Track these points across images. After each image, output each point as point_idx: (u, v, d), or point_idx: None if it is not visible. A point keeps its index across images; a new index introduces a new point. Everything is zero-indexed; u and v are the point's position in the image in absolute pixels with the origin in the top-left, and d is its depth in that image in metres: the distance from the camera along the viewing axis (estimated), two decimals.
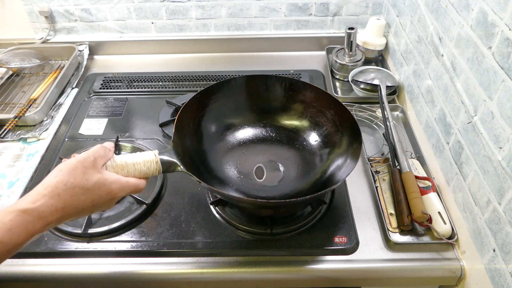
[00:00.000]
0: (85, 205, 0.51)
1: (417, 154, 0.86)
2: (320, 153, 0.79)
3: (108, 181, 0.52)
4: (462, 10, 0.70)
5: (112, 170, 0.56)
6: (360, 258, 0.70)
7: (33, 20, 1.20)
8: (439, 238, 0.69)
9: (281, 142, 0.83)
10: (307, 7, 1.17)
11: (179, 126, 0.69)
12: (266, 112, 0.84)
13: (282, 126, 0.84)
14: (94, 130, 0.96)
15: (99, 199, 0.52)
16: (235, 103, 0.82)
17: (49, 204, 0.47)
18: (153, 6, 1.17)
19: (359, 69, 1.06)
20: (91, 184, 0.51)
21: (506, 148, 0.57)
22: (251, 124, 0.85)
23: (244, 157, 0.81)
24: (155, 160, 0.59)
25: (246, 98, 0.83)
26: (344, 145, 0.74)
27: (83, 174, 0.50)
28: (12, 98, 1.05)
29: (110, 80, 1.12)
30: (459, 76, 0.71)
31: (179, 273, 0.69)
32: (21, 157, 0.90)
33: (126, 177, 0.56)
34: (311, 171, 0.77)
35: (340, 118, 0.76)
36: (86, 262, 0.70)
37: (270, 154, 0.82)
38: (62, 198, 0.48)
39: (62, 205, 0.48)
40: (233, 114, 0.83)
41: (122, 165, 0.57)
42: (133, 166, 0.57)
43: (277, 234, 0.72)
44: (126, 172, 0.57)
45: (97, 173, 0.52)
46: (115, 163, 0.56)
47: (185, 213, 0.76)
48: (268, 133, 0.84)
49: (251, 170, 0.79)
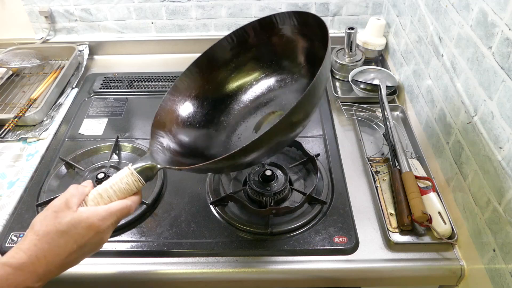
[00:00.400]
0: (68, 248, 0.49)
1: (417, 154, 0.86)
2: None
3: (83, 216, 0.50)
4: (462, 10, 0.70)
5: (92, 203, 0.53)
6: (360, 258, 0.69)
7: (33, 20, 1.20)
8: (439, 238, 0.69)
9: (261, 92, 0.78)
10: (307, 7, 1.17)
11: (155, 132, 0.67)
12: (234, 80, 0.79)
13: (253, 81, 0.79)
14: (94, 130, 0.96)
15: (81, 238, 0.49)
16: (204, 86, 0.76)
17: (27, 255, 0.47)
18: (153, 6, 1.17)
19: (359, 69, 1.06)
20: (65, 226, 0.49)
21: (506, 148, 0.57)
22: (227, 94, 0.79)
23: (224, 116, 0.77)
24: (129, 172, 0.56)
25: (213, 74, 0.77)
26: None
27: (54, 218, 0.49)
28: (12, 98, 1.05)
29: (110, 80, 1.12)
30: (459, 76, 0.71)
31: (179, 273, 0.69)
32: (21, 157, 0.90)
33: (108, 203, 0.54)
34: None
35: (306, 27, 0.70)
36: (86, 262, 0.69)
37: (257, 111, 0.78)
38: (39, 247, 0.47)
39: (42, 254, 0.47)
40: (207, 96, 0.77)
41: (100, 193, 0.54)
42: (111, 189, 0.54)
43: (277, 234, 0.72)
44: (106, 198, 0.54)
45: (70, 213, 0.50)
46: (92, 195, 0.54)
47: (185, 213, 0.76)
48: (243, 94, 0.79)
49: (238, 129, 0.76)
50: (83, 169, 0.85)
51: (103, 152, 0.89)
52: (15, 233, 0.73)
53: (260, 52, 0.77)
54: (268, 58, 0.77)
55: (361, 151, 0.88)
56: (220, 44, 0.76)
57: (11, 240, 0.72)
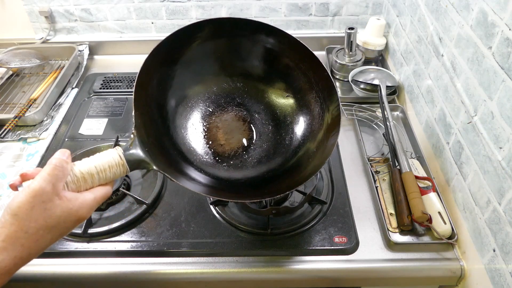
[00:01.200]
0: (53, 241, 0.45)
1: (417, 154, 0.86)
2: (295, 120, 0.71)
3: (73, 209, 0.45)
4: (462, 10, 0.70)
5: (73, 185, 0.48)
6: (360, 258, 0.69)
7: (33, 20, 1.20)
8: (439, 238, 0.69)
9: (255, 108, 0.74)
10: (307, 7, 1.17)
11: (139, 100, 0.60)
12: (233, 73, 0.74)
13: (258, 90, 0.74)
14: (94, 130, 0.96)
15: (67, 230, 0.46)
16: (198, 54, 0.70)
17: (11, 257, 0.41)
18: (153, 6, 1.17)
19: (359, 69, 1.06)
20: (55, 220, 0.44)
21: (506, 148, 0.57)
22: (217, 92, 0.74)
23: (216, 132, 0.72)
24: (120, 162, 0.51)
25: (208, 59, 0.71)
26: (323, 115, 0.67)
27: (43, 211, 0.43)
28: (12, 98, 1.05)
29: (110, 80, 1.12)
30: (459, 76, 0.71)
31: (179, 273, 0.69)
32: (21, 157, 0.90)
33: (91, 189, 0.49)
34: (283, 143, 0.71)
35: (321, 82, 0.68)
36: (86, 262, 0.70)
37: (242, 124, 0.73)
38: (26, 246, 0.42)
39: (27, 253, 0.42)
40: (196, 69, 0.71)
41: (85, 177, 0.49)
42: (97, 175, 0.50)
43: (277, 234, 0.72)
44: (90, 183, 0.49)
45: (59, 202, 0.44)
46: (75, 177, 0.48)
47: (185, 213, 0.76)
48: (238, 100, 0.74)
49: (224, 144, 0.71)
50: None
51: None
52: None
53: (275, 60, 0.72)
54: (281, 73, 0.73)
55: (361, 151, 0.88)
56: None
57: None
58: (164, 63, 0.67)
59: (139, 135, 0.55)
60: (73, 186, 0.48)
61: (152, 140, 0.59)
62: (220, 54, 0.72)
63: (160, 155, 0.59)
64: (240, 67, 0.74)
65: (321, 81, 0.67)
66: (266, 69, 0.73)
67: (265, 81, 0.75)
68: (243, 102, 0.75)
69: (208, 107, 0.73)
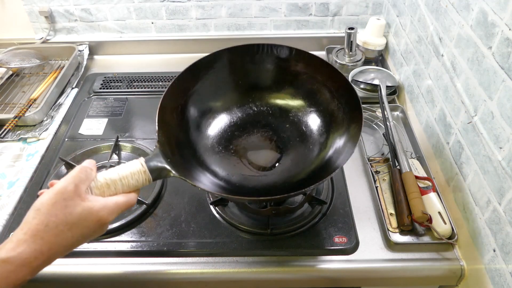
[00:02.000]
0: (74, 240, 0.46)
1: (417, 154, 0.86)
2: (320, 131, 0.73)
3: (94, 209, 0.47)
4: (462, 10, 0.70)
5: (97, 191, 0.50)
6: (360, 258, 0.69)
7: (33, 20, 1.20)
8: (439, 238, 0.69)
9: (276, 120, 0.77)
10: (307, 7, 1.17)
11: (162, 121, 0.63)
12: (257, 88, 0.77)
13: (276, 103, 0.77)
14: (94, 130, 0.96)
15: (88, 231, 0.47)
16: (222, 81, 0.74)
17: (32, 250, 0.43)
18: (153, 6, 1.17)
19: (359, 69, 1.06)
20: (76, 218, 0.45)
21: (506, 148, 0.57)
22: (241, 104, 0.77)
23: (237, 142, 0.75)
24: (142, 170, 0.54)
25: (233, 74, 0.75)
26: (345, 120, 0.69)
27: (64, 208, 0.45)
28: (12, 98, 1.05)
29: (110, 80, 1.12)
30: (459, 76, 0.71)
31: (179, 273, 0.69)
32: (21, 157, 0.90)
33: (115, 195, 0.51)
34: (310, 151, 0.72)
35: (340, 89, 0.70)
36: (86, 262, 0.70)
37: (265, 136, 0.76)
38: (46, 240, 0.43)
39: (47, 247, 0.44)
40: (220, 94, 0.75)
41: (108, 184, 0.51)
42: (120, 182, 0.52)
43: (277, 234, 0.72)
44: (113, 190, 0.52)
45: (80, 202, 0.46)
46: (99, 183, 0.51)
47: (185, 213, 0.76)
48: (261, 112, 0.77)
49: (246, 155, 0.74)
50: None
51: (103, 152, 0.89)
52: None
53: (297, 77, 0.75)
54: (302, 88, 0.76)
55: (361, 151, 0.88)
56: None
57: None
58: (186, 90, 0.71)
59: (162, 148, 0.58)
60: (96, 192, 0.50)
61: (177, 157, 0.63)
62: (242, 81, 0.76)
63: (181, 167, 0.61)
64: (263, 92, 0.77)
65: (340, 88, 0.69)
66: (289, 90, 0.76)
67: (288, 101, 0.77)
68: (268, 123, 0.78)
69: (234, 131, 0.76)
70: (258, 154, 0.74)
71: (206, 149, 0.73)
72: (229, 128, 0.77)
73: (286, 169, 0.72)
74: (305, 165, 0.71)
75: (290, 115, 0.77)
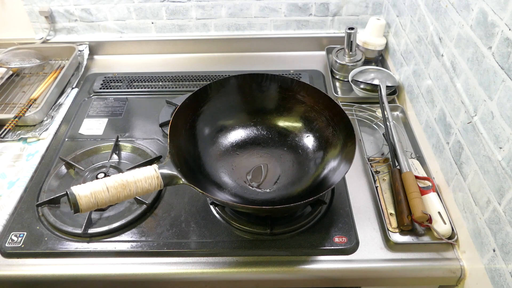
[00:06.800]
0: None
1: (417, 154, 0.86)
2: (315, 155, 0.79)
3: None
4: (462, 10, 0.70)
5: (114, 191, 0.56)
6: (360, 258, 0.70)
7: (33, 20, 1.20)
8: (439, 238, 0.69)
9: (275, 142, 0.84)
10: (307, 7, 1.17)
11: (173, 134, 0.70)
12: (260, 112, 0.85)
13: (276, 127, 0.85)
14: (94, 130, 0.96)
15: None
16: (228, 104, 0.83)
17: None
18: (153, 6, 1.17)
19: (359, 69, 1.06)
20: None
21: (506, 148, 0.57)
22: (245, 125, 0.85)
23: (239, 160, 0.82)
24: (155, 175, 0.60)
25: (239, 98, 0.83)
26: (338, 146, 0.74)
27: None
28: (12, 98, 1.05)
29: (110, 80, 1.12)
30: (459, 76, 0.71)
31: (179, 273, 0.69)
32: (21, 157, 0.90)
33: (128, 196, 0.57)
34: (306, 172, 0.78)
35: (335, 118, 0.77)
36: (86, 262, 0.70)
37: (264, 156, 0.83)
38: None
39: None
40: (226, 115, 0.83)
41: (124, 184, 0.57)
42: (135, 184, 0.58)
43: (277, 234, 0.72)
44: (128, 191, 0.57)
45: None
46: (116, 183, 0.56)
47: (185, 213, 0.76)
48: (262, 134, 0.85)
49: (247, 172, 0.79)
50: (83, 169, 0.85)
51: (103, 152, 0.89)
52: (15, 233, 0.73)
53: (300, 107, 0.83)
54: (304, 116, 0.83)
55: (361, 151, 0.88)
56: None
57: (11, 240, 0.72)
58: (196, 109, 0.79)
59: (172, 158, 0.65)
60: (113, 191, 0.56)
61: (184, 168, 0.68)
62: (247, 105, 0.84)
63: (189, 175, 0.67)
64: (265, 116, 0.85)
65: (336, 116, 0.77)
66: (287, 116, 0.84)
67: (285, 126, 0.85)
68: (268, 144, 0.85)
69: (236, 151, 0.84)
70: (258, 172, 0.80)
71: (211, 163, 0.79)
72: (231, 147, 0.84)
73: (284, 187, 0.77)
74: (301, 184, 0.76)
75: (288, 140, 0.84)
